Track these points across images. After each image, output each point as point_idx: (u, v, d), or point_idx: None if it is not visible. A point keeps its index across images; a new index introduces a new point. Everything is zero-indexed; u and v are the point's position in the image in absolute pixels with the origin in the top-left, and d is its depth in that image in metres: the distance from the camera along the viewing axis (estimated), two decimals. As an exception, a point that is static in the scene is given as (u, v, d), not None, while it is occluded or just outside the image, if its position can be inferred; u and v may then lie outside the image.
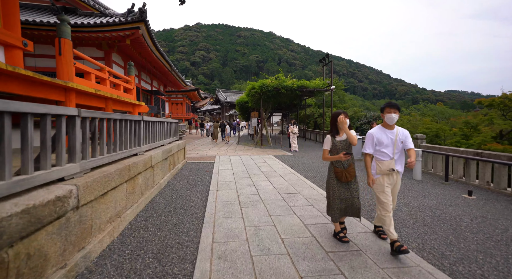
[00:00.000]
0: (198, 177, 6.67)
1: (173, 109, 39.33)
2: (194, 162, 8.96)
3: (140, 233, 3.25)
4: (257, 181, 6.12)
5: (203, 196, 4.96)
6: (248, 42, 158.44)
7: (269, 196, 4.92)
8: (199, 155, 10.76)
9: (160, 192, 5.17)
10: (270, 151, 12.44)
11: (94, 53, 13.81)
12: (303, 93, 14.49)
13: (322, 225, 3.53)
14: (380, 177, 2.92)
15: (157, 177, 5.30)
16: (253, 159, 9.77)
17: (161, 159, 5.53)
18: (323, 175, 7.05)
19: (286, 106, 18.70)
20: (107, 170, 3.09)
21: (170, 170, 6.58)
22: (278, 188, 5.49)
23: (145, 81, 20.25)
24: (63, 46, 4.19)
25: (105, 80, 5.90)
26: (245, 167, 8.04)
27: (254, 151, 12.43)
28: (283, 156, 10.68)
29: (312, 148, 14.18)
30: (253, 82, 14.56)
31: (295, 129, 12.53)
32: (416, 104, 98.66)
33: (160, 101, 24.95)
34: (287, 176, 6.75)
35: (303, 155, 11.30)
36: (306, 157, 10.55)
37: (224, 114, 47.04)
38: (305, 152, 12.25)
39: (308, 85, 13.72)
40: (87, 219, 2.51)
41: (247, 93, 15.59)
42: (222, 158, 9.85)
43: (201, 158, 9.91)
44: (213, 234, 3.21)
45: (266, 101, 14.63)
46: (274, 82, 13.56)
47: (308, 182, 6.06)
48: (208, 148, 13.81)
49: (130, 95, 7.51)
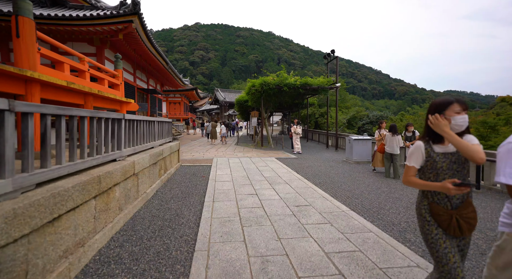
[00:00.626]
0: (192, 183, 5.86)
1: (171, 108, 38.50)
2: (189, 166, 8.15)
3: (110, 269, 2.44)
4: (259, 189, 5.32)
5: (197, 209, 4.16)
6: (247, 42, 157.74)
7: (275, 209, 4.12)
8: (195, 158, 9.94)
9: (146, 204, 4.36)
10: (272, 152, 11.64)
11: (85, 49, 12.97)
12: (306, 92, 13.69)
13: (348, 254, 2.73)
14: None
15: (143, 186, 4.49)
16: (253, 162, 8.96)
17: (148, 164, 4.72)
18: (333, 181, 6.26)
19: (287, 105, 17.90)
20: (62, 185, 2.28)
21: (161, 176, 5.78)
22: (285, 199, 4.69)
23: (140, 80, 19.41)
24: (22, 27, 3.37)
25: (84, 72, 5.08)
26: (246, 171, 7.24)
27: (254, 152, 11.63)
28: (286, 159, 9.89)
29: (315, 149, 13.38)
30: (253, 79, 13.76)
31: (299, 129, 11.73)
32: (415, 104, 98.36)
33: (157, 100, 24.11)
34: (293, 182, 5.96)
35: (307, 157, 10.51)
36: (311, 160, 9.76)
37: (223, 114, 46.26)
38: (309, 154, 11.45)
39: (312, 83, 12.93)
40: (15, 265, 1.69)
41: (247, 92, 14.79)
42: (220, 161, 9.04)
43: (197, 161, 9.09)
44: (207, 269, 2.41)
45: (267, 100, 13.82)
46: (275, 79, 12.76)
47: (319, 191, 5.26)
48: (206, 149, 12.99)
49: (117, 91, 6.70)
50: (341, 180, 6.38)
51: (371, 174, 7.31)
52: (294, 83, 12.62)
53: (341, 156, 10.86)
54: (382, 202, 4.67)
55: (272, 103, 14.38)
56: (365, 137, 9.29)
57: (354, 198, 4.89)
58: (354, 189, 5.56)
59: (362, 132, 29.29)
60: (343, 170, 7.74)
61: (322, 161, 9.59)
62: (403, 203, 4.60)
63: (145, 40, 13.24)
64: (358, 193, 5.21)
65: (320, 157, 10.66)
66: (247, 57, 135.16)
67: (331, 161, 9.51)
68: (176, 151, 7.71)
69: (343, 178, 6.62)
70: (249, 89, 14.00)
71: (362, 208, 4.29)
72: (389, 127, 6.84)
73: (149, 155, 4.84)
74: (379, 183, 6.13)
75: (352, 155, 9.22)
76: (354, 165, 8.70)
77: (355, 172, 7.47)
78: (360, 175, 7.11)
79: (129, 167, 3.79)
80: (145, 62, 17.77)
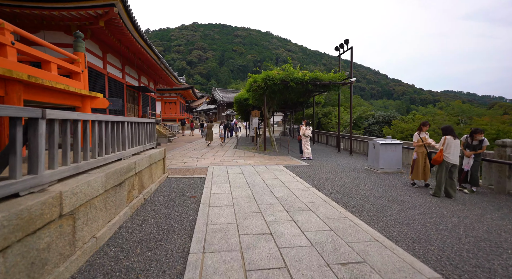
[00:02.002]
0: (177, 210, 4.14)
1: (166, 108, 36.69)
2: (177, 178, 6.41)
3: None
4: (274, 223, 3.61)
5: (175, 272, 2.44)
6: (245, 41, 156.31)
7: (309, 274, 2.41)
8: (187, 166, 8.19)
9: (88, 264, 2.62)
10: (277, 158, 9.94)
11: (62, 39, 11.21)
12: (315, 88, 11.98)
13: None
14: None
15: (87, 229, 2.75)
16: (258, 172, 7.24)
17: (101, 190, 2.99)
18: (372, 204, 4.55)
19: (292, 103, 16.19)
20: None
21: (131, 200, 4.04)
22: (318, 244, 2.97)
23: (130, 76, 17.58)
24: None
25: (4, 46, 3.32)
26: (250, 188, 5.51)
27: (257, 158, 9.91)
28: (296, 167, 8.17)
29: (326, 154, 11.68)
30: (255, 74, 12.05)
31: (308, 131, 10.01)
32: (413, 104, 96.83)
33: (149, 99, 22.31)
34: (319, 208, 4.24)
35: (320, 164, 8.80)
36: (327, 168, 8.04)
37: (221, 114, 44.57)
38: (320, 160, 9.74)
39: (322, 78, 11.24)
40: None
41: (247, 88, 13.06)
42: (217, 171, 7.30)
43: (188, 171, 7.35)
44: None
45: (271, 97, 12.10)
46: (281, 73, 11.06)
47: (363, 226, 3.52)
48: (201, 154, 11.25)
49: (76, 82, 4.94)
50: (382, 203, 4.67)
51: (412, 190, 5.61)
52: (303, 78, 10.94)
53: (359, 163, 9.17)
54: (471, 249, 2.98)
55: (276, 101, 12.66)
56: (394, 141, 7.60)
57: (423, 240, 3.17)
58: (410, 220, 3.86)
59: (368, 133, 27.62)
60: (374, 185, 6.04)
61: (341, 170, 7.89)
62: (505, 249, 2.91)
63: (130, 28, 11.49)
64: (421, 229, 3.50)
65: (335, 164, 8.96)
66: (245, 57, 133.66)
67: (352, 170, 7.80)
68: (160, 160, 5.97)
69: (382, 199, 4.91)
70: (250, 85, 12.30)
71: (454, 267, 2.59)
72: (444, 128, 5.13)
73: (105, 175, 3.10)
74: (438, 208, 4.42)
75: (378, 162, 7.53)
76: (383, 176, 7.01)
77: (391, 188, 5.77)
78: (401, 192, 5.41)
79: (47, 207, 2.06)
80: (134, 57, 15.99)
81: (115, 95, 14.73)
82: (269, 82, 10.82)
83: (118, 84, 15.35)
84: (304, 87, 11.37)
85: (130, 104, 18.26)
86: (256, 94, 11.95)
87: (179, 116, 35.74)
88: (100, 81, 12.78)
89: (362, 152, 12.11)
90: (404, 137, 17.22)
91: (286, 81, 10.93)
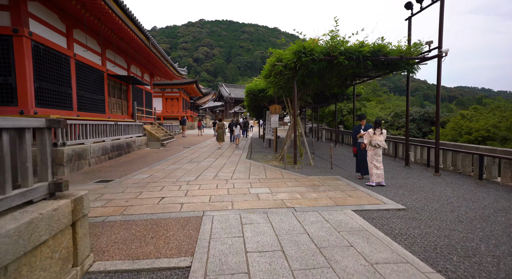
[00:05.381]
0: None
1: (168, 105, 32.94)
2: (115, 272, 2.41)
3: None
4: None
5: None
6: (252, 38, 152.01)
7: None
8: (159, 210, 4.19)
9: None
10: (324, 184, 5.83)
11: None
12: (375, 68, 7.78)
13: None
14: None
15: None
16: (313, 237, 3.18)
17: None
18: None
19: (327, 95, 11.93)
20: None
21: None
22: None
23: (115, 64, 13.29)
24: None
25: None
26: None
27: (289, 184, 5.84)
28: (382, 216, 4.08)
29: (392, 171, 7.47)
30: (279, 50, 7.93)
31: (379, 136, 5.82)
32: (427, 100, 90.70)
33: (143, 93, 18.38)
34: None
35: (419, 202, 4.66)
36: (438, 215, 3.90)
37: (228, 111, 40.52)
38: (401, 187, 5.59)
39: (389, 52, 7.06)
40: None
41: (266, 73, 8.95)
42: (220, 231, 3.25)
43: (155, 233, 3.33)
44: None
45: (305, 83, 7.95)
46: (325, 43, 6.94)
47: None
48: (197, 171, 7.24)
49: None
50: None
51: None
52: (360, 50, 6.78)
53: (482, 193, 4.96)
54: None
55: (312, 88, 8.47)
56: None
57: None
58: None
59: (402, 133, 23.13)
60: None
61: (463, 214, 3.72)
62: None
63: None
64: None
65: (434, 194, 4.78)
66: (253, 53, 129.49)
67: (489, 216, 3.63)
68: (58, 233, 1.97)
69: None
70: (271, 67, 8.22)
71: None
72: None
73: None
74: None
75: None
76: None
77: None
78: None
79: None
80: (121, 41, 12.06)
81: (89, 86, 10.85)
82: (305, 57, 6.69)
83: (95, 72, 11.41)
84: (358, 66, 7.19)
85: (115, 99, 14.32)
86: (282, 79, 7.84)
87: (181, 114, 31.99)
88: (59, 65, 8.79)
89: (451, 168, 7.86)
90: (473, 140, 12.77)
91: (333, 56, 6.80)
